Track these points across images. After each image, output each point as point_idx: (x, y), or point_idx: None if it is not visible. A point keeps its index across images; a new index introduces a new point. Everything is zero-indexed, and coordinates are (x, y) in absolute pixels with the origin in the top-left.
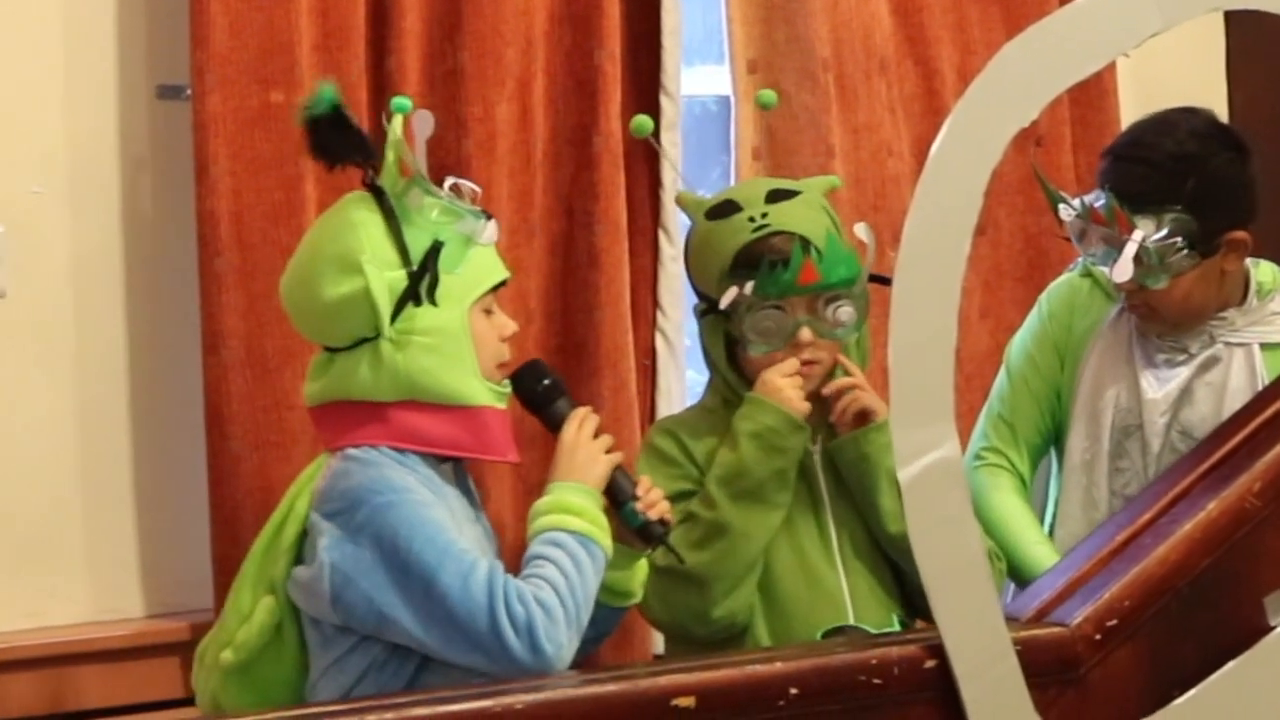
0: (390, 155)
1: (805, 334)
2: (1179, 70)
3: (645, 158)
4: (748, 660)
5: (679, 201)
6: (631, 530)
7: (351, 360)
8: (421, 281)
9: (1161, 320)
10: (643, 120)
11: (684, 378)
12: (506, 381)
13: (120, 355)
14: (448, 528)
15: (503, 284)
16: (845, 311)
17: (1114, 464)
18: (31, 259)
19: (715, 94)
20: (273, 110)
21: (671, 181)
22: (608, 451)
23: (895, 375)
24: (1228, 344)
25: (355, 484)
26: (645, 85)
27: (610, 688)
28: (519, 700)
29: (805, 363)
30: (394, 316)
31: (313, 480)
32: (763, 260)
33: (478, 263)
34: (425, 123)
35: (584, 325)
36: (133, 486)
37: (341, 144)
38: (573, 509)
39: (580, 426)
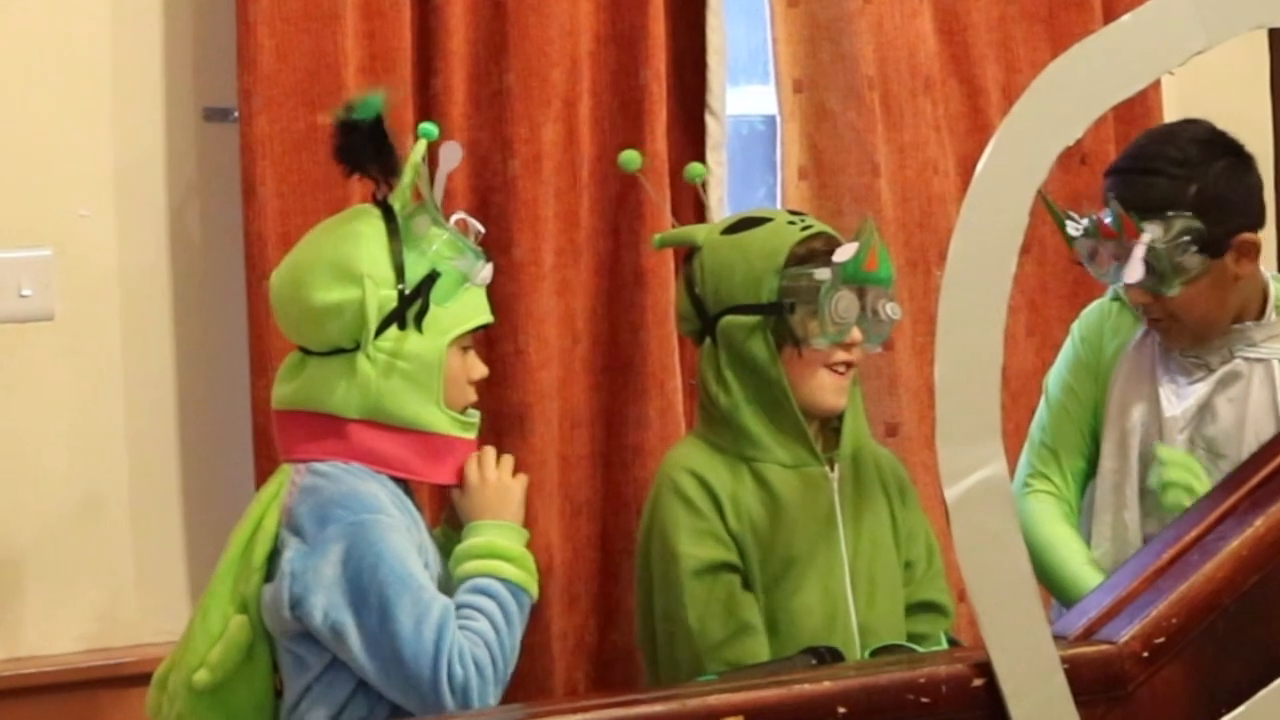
0: (407, 178)
1: (856, 333)
2: (1223, 88)
3: None
4: (796, 680)
5: (668, 241)
6: None
7: (324, 368)
8: (411, 306)
9: (1181, 330)
10: (630, 155)
11: None
12: (473, 411)
13: (169, 377)
14: (411, 555)
15: (485, 327)
16: (893, 306)
17: (1145, 484)
18: (80, 282)
19: (761, 113)
20: (319, 132)
21: (717, 200)
22: (514, 474)
23: (942, 393)
24: (1247, 359)
25: (325, 499)
26: (691, 105)
27: (657, 708)
28: None
29: (846, 363)
30: (377, 334)
31: (278, 496)
32: (820, 253)
33: (466, 301)
34: (452, 155)
35: (630, 345)
36: (182, 508)
37: (369, 155)
38: (504, 554)
39: (480, 465)
